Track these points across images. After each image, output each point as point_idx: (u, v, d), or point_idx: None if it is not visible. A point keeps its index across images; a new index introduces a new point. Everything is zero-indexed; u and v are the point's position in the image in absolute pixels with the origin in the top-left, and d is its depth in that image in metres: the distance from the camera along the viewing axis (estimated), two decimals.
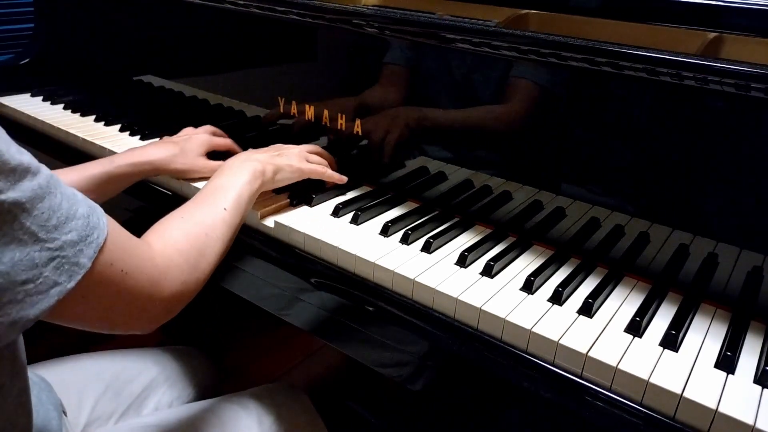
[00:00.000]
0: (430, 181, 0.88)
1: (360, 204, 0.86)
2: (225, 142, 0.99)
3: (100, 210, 0.51)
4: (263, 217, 0.84)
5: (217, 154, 0.97)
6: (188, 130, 1.00)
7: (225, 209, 0.69)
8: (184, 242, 0.61)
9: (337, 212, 0.84)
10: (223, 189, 0.73)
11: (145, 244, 0.57)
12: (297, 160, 0.85)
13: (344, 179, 0.89)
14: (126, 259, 0.51)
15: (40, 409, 0.65)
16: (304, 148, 0.91)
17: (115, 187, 0.87)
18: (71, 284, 0.45)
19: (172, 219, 0.65)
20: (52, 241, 0.44)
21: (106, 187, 0.85)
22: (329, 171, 0.88)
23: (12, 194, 0.41)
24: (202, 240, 0.64)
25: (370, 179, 0.95)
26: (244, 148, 0.98)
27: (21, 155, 0.43)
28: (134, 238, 0.56)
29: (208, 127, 1.02)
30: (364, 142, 0.92)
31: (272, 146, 0.91)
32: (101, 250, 0.48)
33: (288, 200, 0.87)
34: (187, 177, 0.92)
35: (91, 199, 0.86)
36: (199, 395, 0.97)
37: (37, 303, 0.43)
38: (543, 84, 0.76)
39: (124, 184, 0.89)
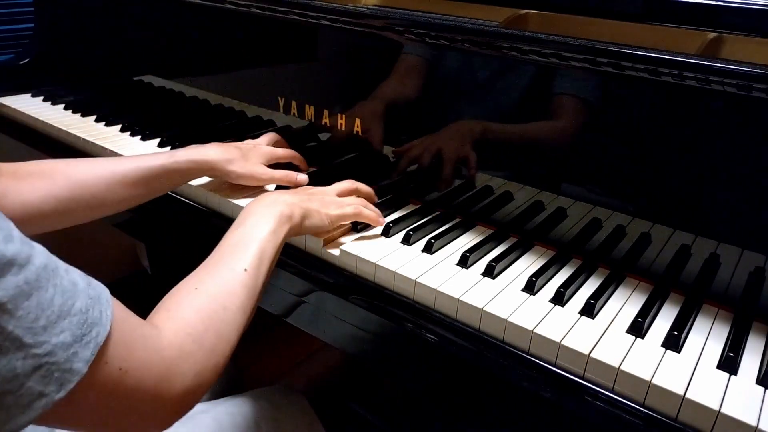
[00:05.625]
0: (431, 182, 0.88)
1: None
2: (287, 153, 0.95)
3: (105, 299, 0.44)
4: None
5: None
6: (250, 142, 0.97)
7: (245, 270, 0.60)
8: (198, 323, 0.53)
9: None
10: (243, 244, 0.64)
11: (154, 331, 0.50)
12: (332, 207, 0.76)
13: (383, 221, 0.81)
14: (126, 355, 0.44)
15: None
16: (340, 189, 0.81)
17: (168, 183, 0.85)
18: (60, 394, 0.39)
19: (184, 291, 0.57)
20: (39, 345, 0.38)
21: (159, 181, 0.83)
22: (365, 212, 0.79)
23: None
24: (219, 316, 0.55)
25: (372, 183, 0.94)
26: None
27: (6, 244, 0.37)
28: (141, 325, 0.49)
29: (272, 135, 0.99)
30: (357, 143, 0.92)
31: (303, 188, 0.84)
32: (100, 349, 0.42)
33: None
34: (244, 182, 0.88)
35: (140, 193, 0.82)
36: None
37: (14, 417, 0.38)
38: (545, 85, 0.76)
39: (178, 181, 0.86)
